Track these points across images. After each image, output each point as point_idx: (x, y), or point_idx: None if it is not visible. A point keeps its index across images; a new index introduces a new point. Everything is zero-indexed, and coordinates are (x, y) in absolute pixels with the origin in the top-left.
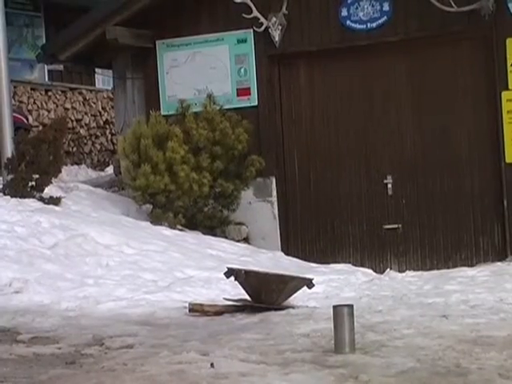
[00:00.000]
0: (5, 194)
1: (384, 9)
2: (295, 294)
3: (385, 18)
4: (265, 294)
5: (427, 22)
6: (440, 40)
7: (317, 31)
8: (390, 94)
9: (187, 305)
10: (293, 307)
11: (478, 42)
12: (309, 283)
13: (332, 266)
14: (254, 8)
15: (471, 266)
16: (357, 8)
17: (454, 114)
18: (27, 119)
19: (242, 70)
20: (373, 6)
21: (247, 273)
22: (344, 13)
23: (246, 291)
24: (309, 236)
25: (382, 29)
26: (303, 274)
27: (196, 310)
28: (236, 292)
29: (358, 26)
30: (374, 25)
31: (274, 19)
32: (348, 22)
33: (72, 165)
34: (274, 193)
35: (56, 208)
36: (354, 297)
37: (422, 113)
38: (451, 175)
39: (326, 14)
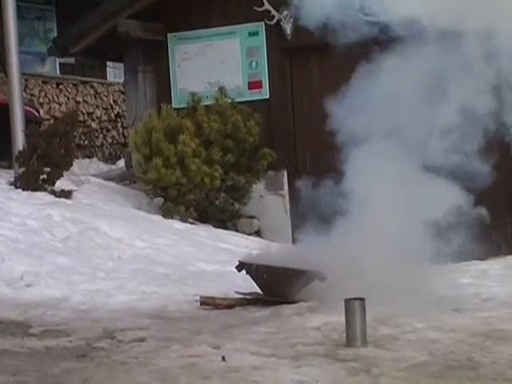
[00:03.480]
0: (16, 188)
1: None
2: (307, 288)
3: None
4: (276, 287)
5: None
6: None
7: None
8: None
9: (198, 298)
10: (304, 300)
11: None
12: (321, 277)
13: None
14: (265, 1)
15: (483, 259)
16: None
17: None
18: (38, 112)
19: (254, 63)
20: None
21: (259, 266)
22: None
23: (258, 285)
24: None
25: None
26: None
27: (207, 303)
28: (247, 285)
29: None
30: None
31: (286, 12)
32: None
33: (83, 158)
34: (286, 186)
35: (67, 201)
36: (365, 290)
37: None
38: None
39: None
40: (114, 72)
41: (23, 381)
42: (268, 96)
